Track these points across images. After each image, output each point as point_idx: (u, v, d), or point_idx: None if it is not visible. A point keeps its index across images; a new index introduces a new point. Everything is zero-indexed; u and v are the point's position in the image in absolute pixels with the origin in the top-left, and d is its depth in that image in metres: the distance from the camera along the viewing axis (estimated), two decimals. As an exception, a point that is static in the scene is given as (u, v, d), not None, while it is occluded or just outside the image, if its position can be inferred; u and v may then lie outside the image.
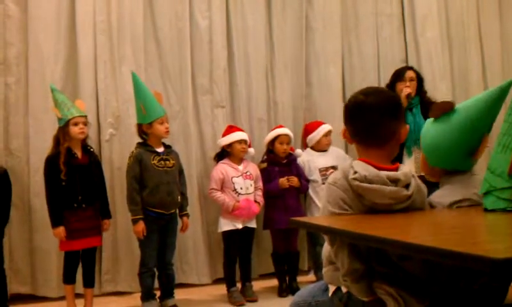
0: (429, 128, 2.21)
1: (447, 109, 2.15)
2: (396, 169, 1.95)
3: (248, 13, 5.25)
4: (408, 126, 2.05)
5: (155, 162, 4.11)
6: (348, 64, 5.68)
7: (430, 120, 2.23)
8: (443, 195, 2.12)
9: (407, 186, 1.92)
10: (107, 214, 4.19)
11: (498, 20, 6.28)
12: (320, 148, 4.95)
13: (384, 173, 1.89)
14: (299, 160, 4.86)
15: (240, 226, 4.49)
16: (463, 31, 6.06)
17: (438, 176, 2.23)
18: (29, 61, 4.59)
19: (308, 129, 5.06)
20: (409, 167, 4.21)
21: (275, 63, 5.38)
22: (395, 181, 1.89)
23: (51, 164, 3.95)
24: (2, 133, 4.52)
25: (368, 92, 2.04)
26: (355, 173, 1.88)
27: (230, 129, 4.69)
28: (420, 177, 2.10)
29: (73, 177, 3.94)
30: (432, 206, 2.08)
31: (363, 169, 1.89)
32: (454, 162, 2.15)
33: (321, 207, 2.02)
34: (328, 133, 4.96)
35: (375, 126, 1.96)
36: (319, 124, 5.02)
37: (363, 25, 5.72)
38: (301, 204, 4.88)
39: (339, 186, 1.92)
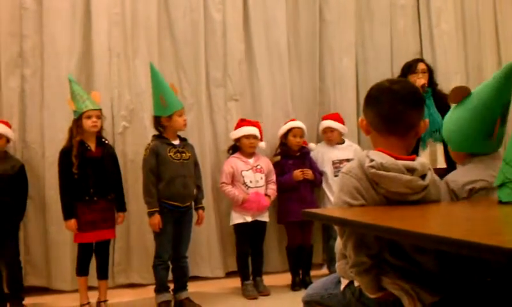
0: (449, 115, 2.30)
1: (465, 93, 2.21)
2: (413, 160, 1.93)
3: (264, 5, 5.23)
4: (427, 120, 2.04)
5: (171, 154, 4.10)
6: (362, 56, 5.63)
7: (452, 107, 2.30)
8: (458, 174, 2.17)
9: (423, 177, 1.91)
10: (121, 207, 4.20)
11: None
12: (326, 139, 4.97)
13: (401, 162, 1.88)
14: (314, 152, 4.86)
15: (249, 219, 4.50)
16: (478, 23, 5.99)
17: (464, 161, 2.27)
18: (44, 53, 4.61)
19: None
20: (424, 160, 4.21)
21: (291, 55, 5.35)
22: (411, 171, 1.88)
23: (65, 156, 3.97)
24: (18, 126, 4.55)
25: (393, 81, 2.06)
26: (371, 161, 1.87)
27: (241, 123, 4.69)
28: (435, 170, 2.10)
29: (86, 170, 3.96)
30: (448, 186, 2.08)
31: (380, 157, 1.88)
32: (471, 145, 2.21)
33: (335, 197, 2.00)
34: (327, 130, 4.95)
35: (399, 114, 1.94)
36: (325, 118, 5.04)
37: (378, 17, 5.67)
38: (315, 197, 4.86)
39: (353, 175, 1.91)
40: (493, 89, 2.14)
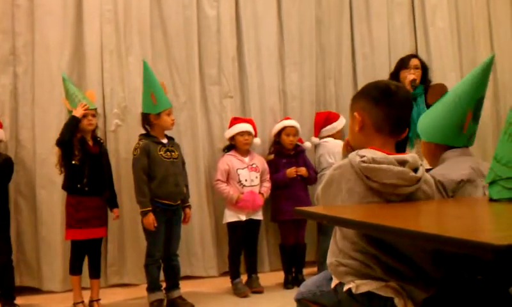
0: (426, 111, 2.47)
1: (443, 92, 2.36)
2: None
3: (257, 1, 5.22)
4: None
5: (161, 153, 4.09)
6: (359, 53, 5.61)
7: None
8: (444, 168, 2.26)
9: (415, 170, 1.93)
10: (115, 204, 4.21)
11: (509, 10, 6.18)
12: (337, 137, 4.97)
13: (392, 156, 1.91)
14: (325, 144, 4.86)
15: (244, 218, 4.49)
16: (472, 22, 5.99)
17: (434, 155, 2.39)
18: (36, 50, 4.58)
19: (325, 119, 5.02)
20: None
21: (285, 52, 5.35)
22: (403, 163, 1.90)
23: (66, 146, 3.96)
24: (10, 124, 4.52)
25: (396, 85, 2.09)
26: (363, 157, 1.89)
27: (234, 121, 4.69)
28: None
29: (84, 161, 3.96)
30: (435, 179, 2.13)
31: (371, 153, 1.91)
32: (443, 136, 2.33)
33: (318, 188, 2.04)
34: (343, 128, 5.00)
35: (405, 118, 2.03)
36: (324, 115, 5.03)
37: (375, 13, 5.67)
38: (309, 196, 4.83)
39: (343, 171, 1.93)
40: (469, 83, 2.27)
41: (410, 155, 1.95)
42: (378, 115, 2.00)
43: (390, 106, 1.99)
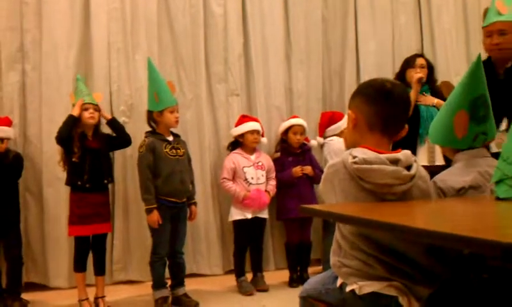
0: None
1: (450, 88, 2.34)
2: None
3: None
4: (407, 126, 2.06)
5: (167, 150, 4.10)
6: (365, 51, 5.60)
7: None
8: (446, 174, 2.23)
9: (408, 168, 1.92)
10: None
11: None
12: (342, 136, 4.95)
13: (383, 155, 1.89)
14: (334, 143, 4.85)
15: (250, 216, 4.49)
16: (480, 18, 5.94)
17: (449, 156, 2.37)
18: (43, 47, 4.59)
19: (329, 119, 4.99)
20: (422, 156, 4.21)
21: (292, 51, 5.34)
22: (395, 162, 1.89)
23: (66, 142, 3.96)
24: (19, 120, 4.54)
25: (392, 83, 2.08)
26: (354, 157, 1.87)
27: (243, 119, 4.68)
28: (429, 167, 2.12)
29: (83, 158, 3.96)
30: (436, 184, 2.13)
31: (362, 153, 1.89)
32: (441, 138, 2.34)
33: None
34: None
35: (398, 117, 2.00)
36: (329, 115, 5.01)
37: (380, 12, 5.65)
38: (315, 194, 4.83)
39: (336, 171, 1.91)
40: (460, 84, 2.23)
41: (402, 153, 1.93)
42: (370, 113, 1.98)
43: (383, 104, 1.97)
